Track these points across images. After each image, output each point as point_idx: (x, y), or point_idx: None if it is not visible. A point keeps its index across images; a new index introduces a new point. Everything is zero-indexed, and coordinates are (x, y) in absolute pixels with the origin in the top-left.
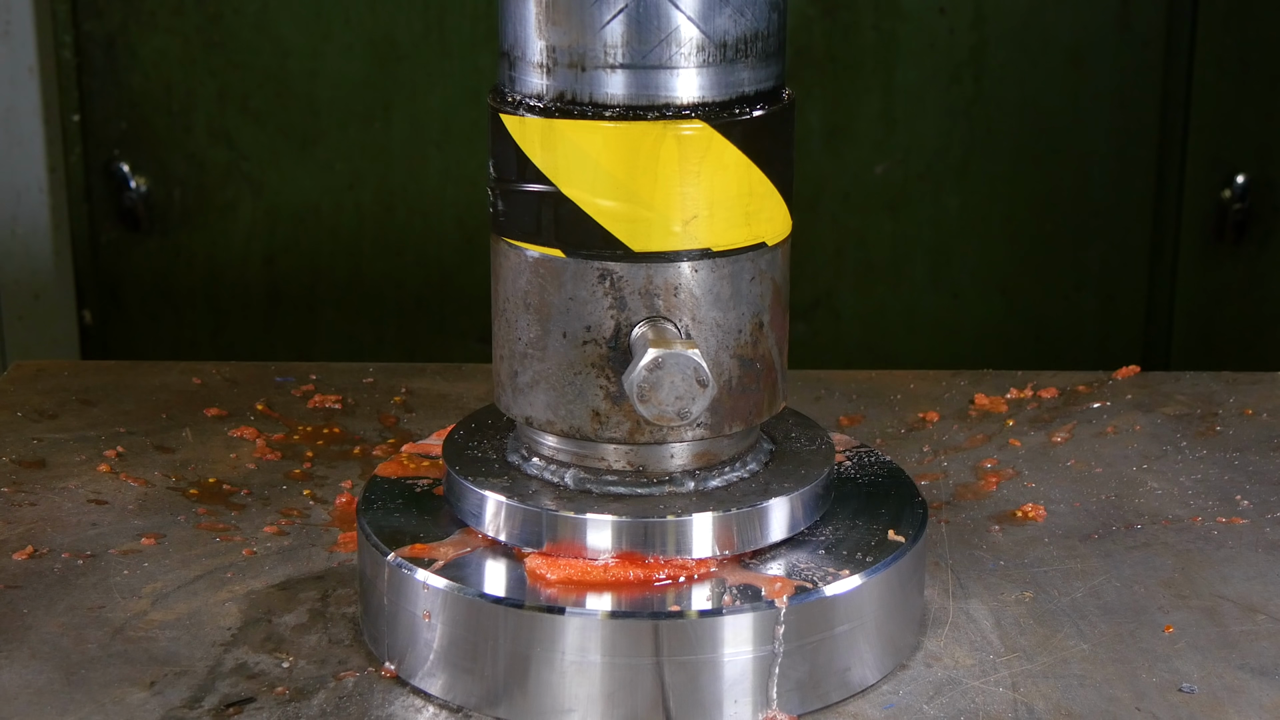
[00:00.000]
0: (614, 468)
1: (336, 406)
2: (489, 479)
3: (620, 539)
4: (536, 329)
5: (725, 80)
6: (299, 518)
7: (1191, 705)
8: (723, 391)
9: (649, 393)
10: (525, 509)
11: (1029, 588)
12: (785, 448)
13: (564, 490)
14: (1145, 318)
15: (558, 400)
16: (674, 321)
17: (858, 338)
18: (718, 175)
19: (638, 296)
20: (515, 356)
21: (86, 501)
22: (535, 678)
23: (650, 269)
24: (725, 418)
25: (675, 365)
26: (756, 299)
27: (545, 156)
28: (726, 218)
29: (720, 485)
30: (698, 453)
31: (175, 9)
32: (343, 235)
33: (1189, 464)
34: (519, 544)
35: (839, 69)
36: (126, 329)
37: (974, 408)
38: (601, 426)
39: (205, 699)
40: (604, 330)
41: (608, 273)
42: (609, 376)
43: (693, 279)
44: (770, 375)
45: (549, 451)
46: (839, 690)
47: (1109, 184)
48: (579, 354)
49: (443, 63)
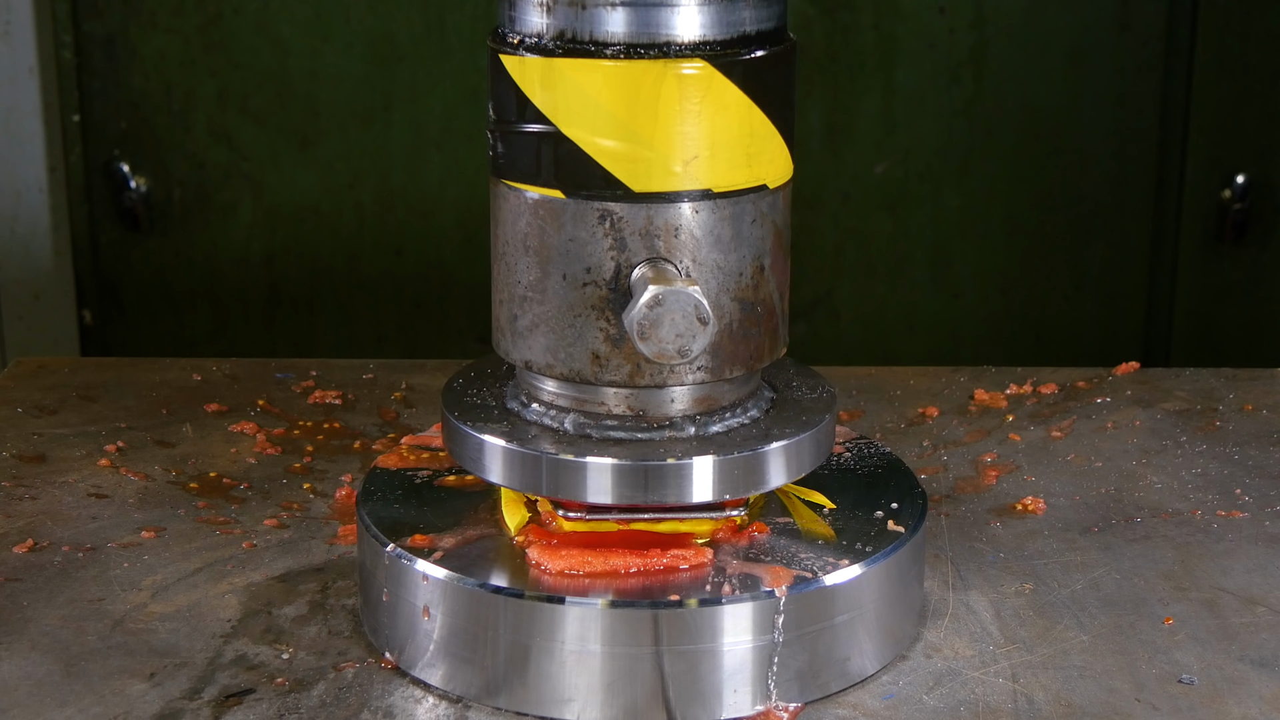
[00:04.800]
0: (614, 412)
1: (337, 402)
2: (488, 424)
3: (620, 482)
4: (536, 271)
5: (727, 19)
6: (299, 511)
7: (1191, 696)
8: (723, 335)
9: (649, 330)
10: (525, 453)
11: (1029, 580)
12: (787, 396)
13: (563, 435)
14: (1145, 318)
15: (557, 343)
16: (674, 263)
17: (858, 337)
18: (719, 115)
19: (638, 237)
20: (515, 300)
21: (87, 495)
22: (535, 667)
23: (650, 209)
24: (726, 361)
25: (675, 302)
26: (758, 241)
27: (545, 96)
28: (727, 158)
29: (721, 430)
30: (698, 397)
31: (175, 9)
32: (343, 235)
33: (1189, 458)
34: (518, 489)
35: (839, 69)
36: (126, 329)
37: (974, 403)
38: (601, 370)
39: (205, 690)
40: (604, 272)
41: (608, 213)
42: (609, 319)
43: (693, 220)
44: (771, 320)
45: (548, 397)
46: (839, 680)
47: (1109, 184)
48: (579, 296)
49: (443, 63)
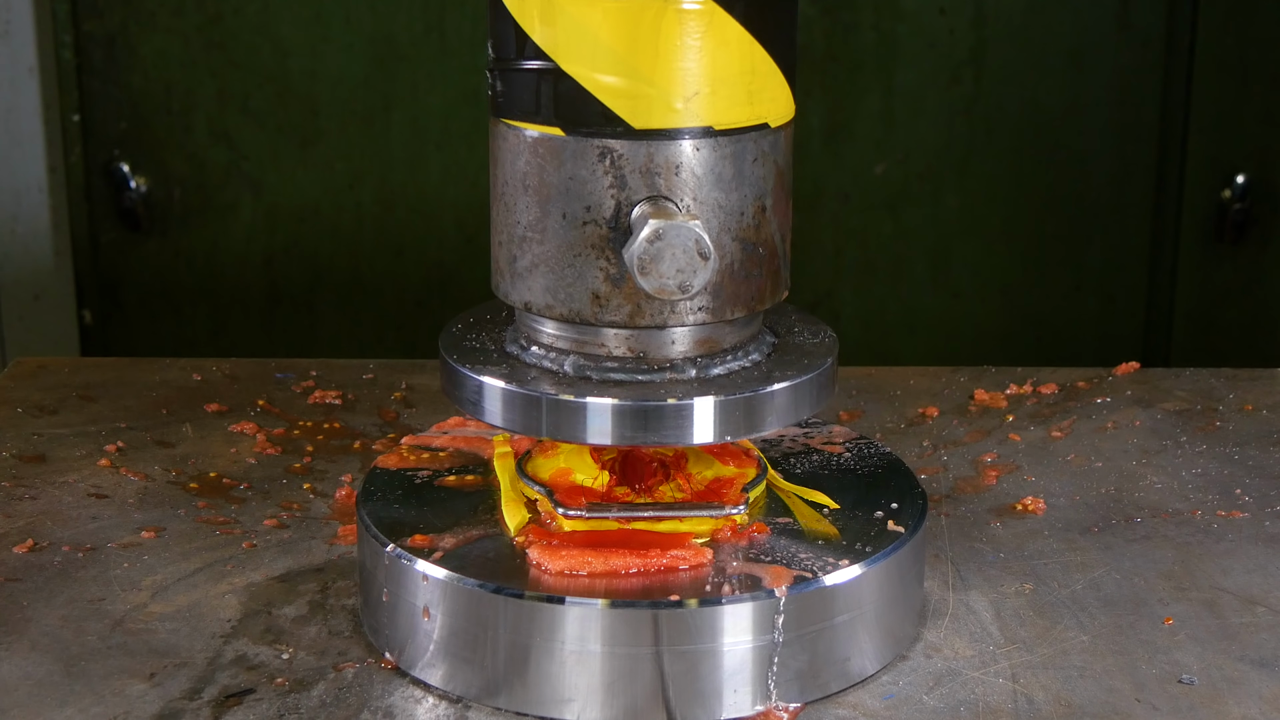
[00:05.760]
0: (614, 354)
1: (337, 402)
2: (487, 366)
3: (620, 423)
4: (536, 211)
5: None
6: (299, 511)
7: (1191, 696)
8: (724, 275)
9: (649, 265)
10: (524, 394)
11: (1029, 580)
12: (788, 340)
13: (563, 376)
14: (1145, 318)
15: (557, 283)
16: (675, 201)
17: (858, 337)
18: (719, 51)
19: (638, 175)
20: (514, 241)
21: (87, 495)
22: (535, 667)
23: (651, 147)
24: (727, 302)
25: (676, 236)
26: (759, 181)
27: (545, 32)
28: (728, 95)
29: (722, 373)
30: (699, 339)
31: (175, 9)
32: (343, 235)
33: (1189, 458)
34: (518, 431)
35: (839, 69)
36: (126, 329)
37: (974, 403)
38: (601, 310)
39: (205, 690)
40: (604, 210)
41: (608, 151)
42: (609, 258)
43: (694, 158)
44: (773, 261)
45: (548, 339)
46: (839, 680)
47: (1109, 184)
48: (579, 235)
49: (443, 63)
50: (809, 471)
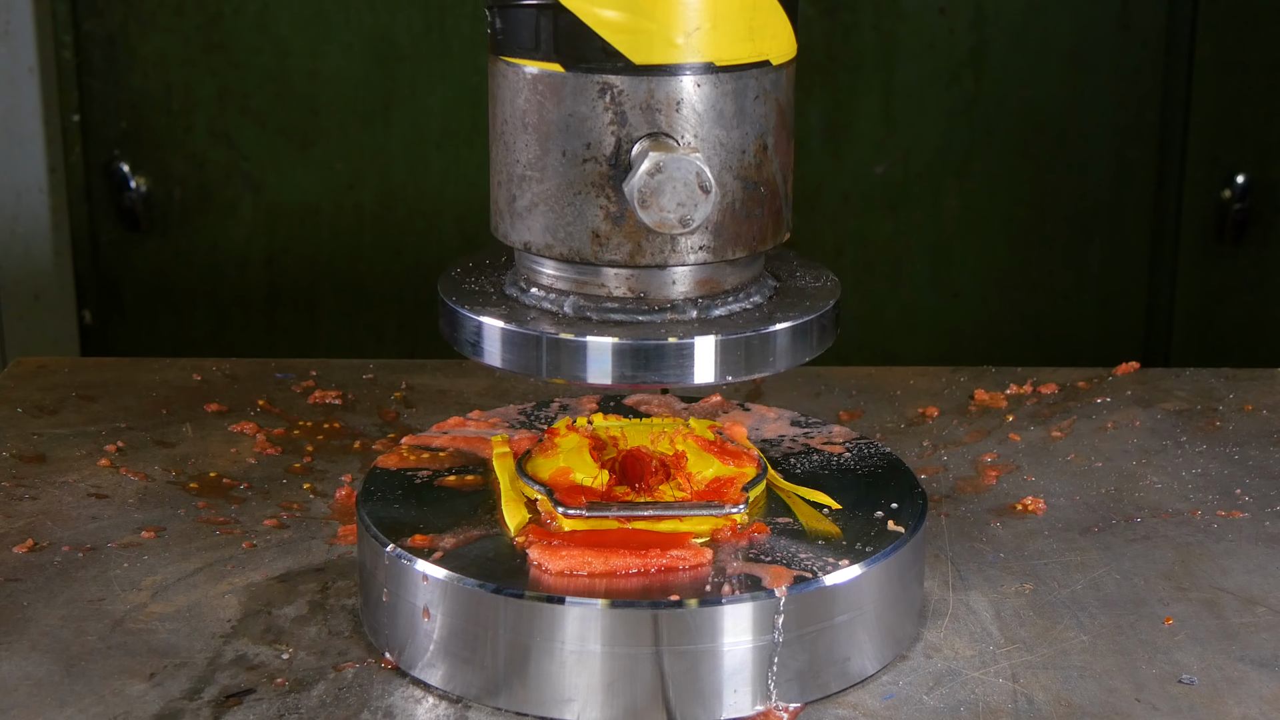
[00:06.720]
0: (614, 294)
1: (337, 402)
2: (486, 307)
3: (620, 362)
4: (535, 149)
5: None
6: (299, 511)
7: (1191, 696)
8: (725, 214)
9: (650, 198)
10: (524, 333)
11: (1029, 580)
12: (790, 284)
13: (563, 317)
14: (1145, 318)
15: (557, 222)
16: (675, 138)
17: (858, 337)
18: None
19: (639, 111)
20: (513, 180)
21: (87, 495)
22: (535, 667)
23: (652, 82)
24: (728, 242)
25: (677, 169)
26: (760, 119)
27: None
28: (730, 31)
29: (723, 314)
30: (700, 280)
31: (175, 9)
32: (343, 235)
33: (1189, 458)
34: (518, 370)
35: (839, 69)
36: (126, 329)
37: (974, 403)
38: (601, 248)
39: (205, 690)
40: (604, 147)
41: (608, 87)
42: (609, 196)
43: (695, 94)
44: (775, 201)
45: (548, 280)
46: (839, 680)
47: (1109, 184)
48: (579, 173)
49: (443, 63)
50: (809, 471)
